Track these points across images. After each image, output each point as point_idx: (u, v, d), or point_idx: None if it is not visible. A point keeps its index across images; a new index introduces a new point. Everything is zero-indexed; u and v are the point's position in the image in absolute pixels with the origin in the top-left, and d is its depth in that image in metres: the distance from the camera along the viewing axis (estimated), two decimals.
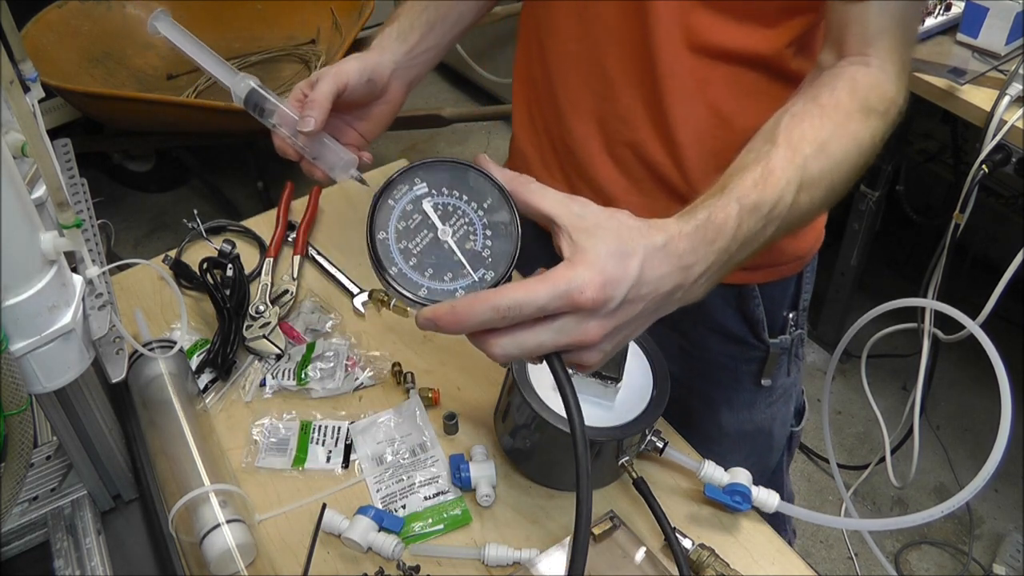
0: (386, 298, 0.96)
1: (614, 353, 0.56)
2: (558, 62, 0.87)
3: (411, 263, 0.54)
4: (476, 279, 0.54)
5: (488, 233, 0.55)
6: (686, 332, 0.92)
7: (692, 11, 0.75)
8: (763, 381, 0.95)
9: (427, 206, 0.55)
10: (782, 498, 0.77)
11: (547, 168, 0.95)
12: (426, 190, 0.55)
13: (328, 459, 0.83)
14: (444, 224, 0.55)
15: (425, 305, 0.53)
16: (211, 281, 0.98)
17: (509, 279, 0.54)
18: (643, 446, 0.77)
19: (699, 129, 0.81)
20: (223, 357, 0.90)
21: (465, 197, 0.55)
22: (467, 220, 0.55)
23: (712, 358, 0.94)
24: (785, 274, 0.91)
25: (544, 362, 0.55)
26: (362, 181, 0.74)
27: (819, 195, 0.62)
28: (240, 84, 0.74)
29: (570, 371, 0.55)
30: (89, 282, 0.65)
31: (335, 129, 0.81)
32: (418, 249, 0.55)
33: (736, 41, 0.77)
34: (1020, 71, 1.40)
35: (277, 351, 0.93)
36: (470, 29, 0.94)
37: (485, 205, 0.55)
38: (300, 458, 0.83)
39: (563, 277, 0.51)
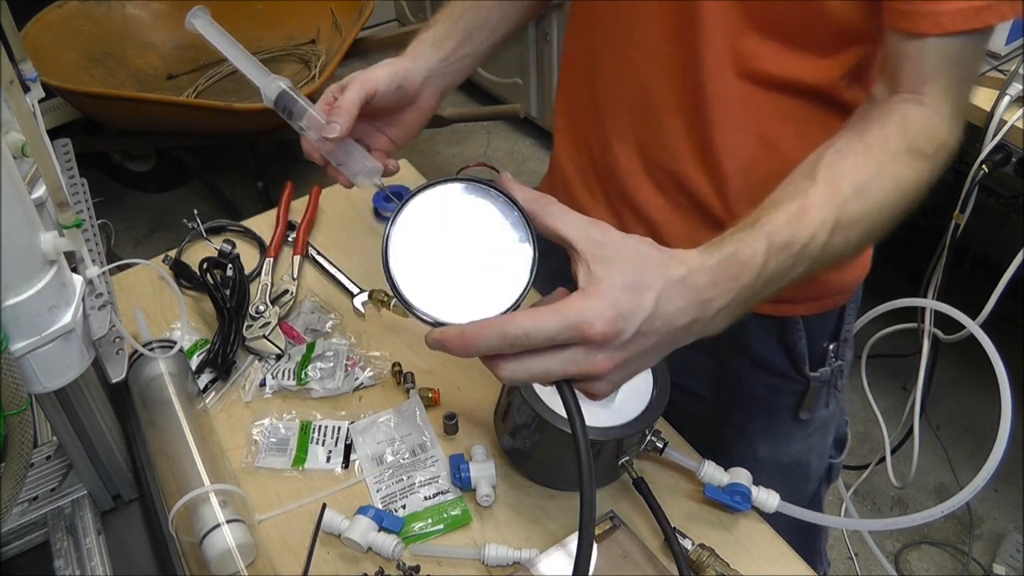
0: (386, 298, 0.97)
1: (624, 382, 0.56)
2: (603, 84, 0.84)
3: (425, 281, 0.54)
4: (490, 300, 0.54)
5: (505, 254, 0.54)
6: (724, 362, 0.89)
7: (743, 37, 0.72)
8: (802, 415, 0.92)
9: (445, 224, 0.55)
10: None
11: (588, 187, 0.91)
12: (446, 206, 0.55)
13: (328, 459, 0.83)
14: (461, 243, 0.54)
15: (436, 325, 0.53)
16: (211, 281, 0.98)
17: (520, 304, 0.54)
18: (643, 446, 0.77)
19: (745, 158, 0.78)
20: (223, 357, 0.90)
21: (484, 216, 0.55)
22: (484, 240, 0.55)
23: (750, 388, 0.91)
24: (829, 307, 0.88)
25: (553, 385, 0.54)
26: (380, 187, 0.74)
27: (855, 237, 0.60)
28: (271, 85, 0.74)
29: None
30: (89, 282, 0.65)
31: (365, 134, 0.81)
32: (434, 267, 0.54)
33: (788, 69, 0.73)
34: (1020, 71, 1.40)
35: (277, 351, 0.93)
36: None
37: (504, 225, 0.55)
38: (300, 458, 0.83)
39: (574, 308, 0.51)
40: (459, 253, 0.54)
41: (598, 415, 0.73)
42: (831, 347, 0.90)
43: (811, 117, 0.76)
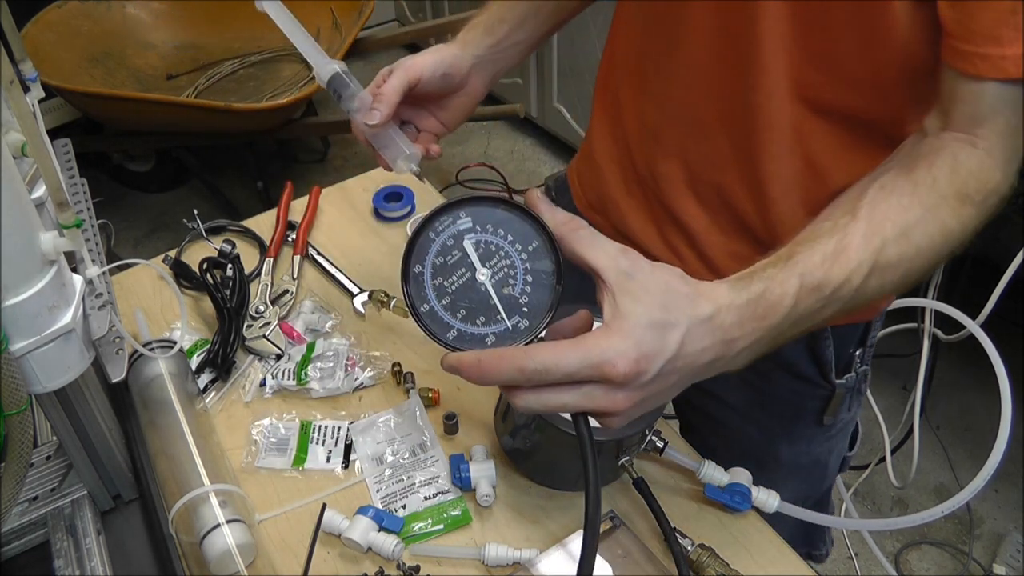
0: (386, 298, 0.96)
1: (639, 415, 0.54)
2: (652, 89, 0.82)
3: (444, 301, 0.52)
4: (509, 327, 0.52)
5: (528, 279, 0.53)
6: (754, 364, 0.90)
7: (802, 67, 0.68)
8: (826, 420, 0.92)
9: (468, 244, 0.52)
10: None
11: (627, 189, 0.90)
12: (470, 225, 0.53)
13: (328, 459, 0.83)
14: (484, 265, 0.52)
15: (453, 349, 0.52)
16: (211, 281, 0.98)
17: (542, 336, 0.53)
18: (643, 446, 0.77)
19: (791, 180, 0.75)
20: (223, 357, 0.90)
21: (510, 238, 0.53)
22: (509, 263, 0.53)
23: (776, 392, 0.91)
24: (857, 320, 0.87)
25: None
26: (420, 177, 0.75)
27: (890, 280, 0.58)
28: (326, 67, 0.78)
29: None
30: (89, 282, 0.65)
31: (415, 116, 0.82)
32: (453, 288, 0.52)
33: (848, 100, 0.70)
34: None
35: (277, 351, 0.93)
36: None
37: (530, 249, 0.53)
38: (300, 458, 0.83)
39: (597, 346, 0.49)
40: (481, 274, 0.52)
41: None
42: (858, 353, 0.89)
43: (865, 143, 0.72)
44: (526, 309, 0.52)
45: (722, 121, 0.76)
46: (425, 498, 0.79)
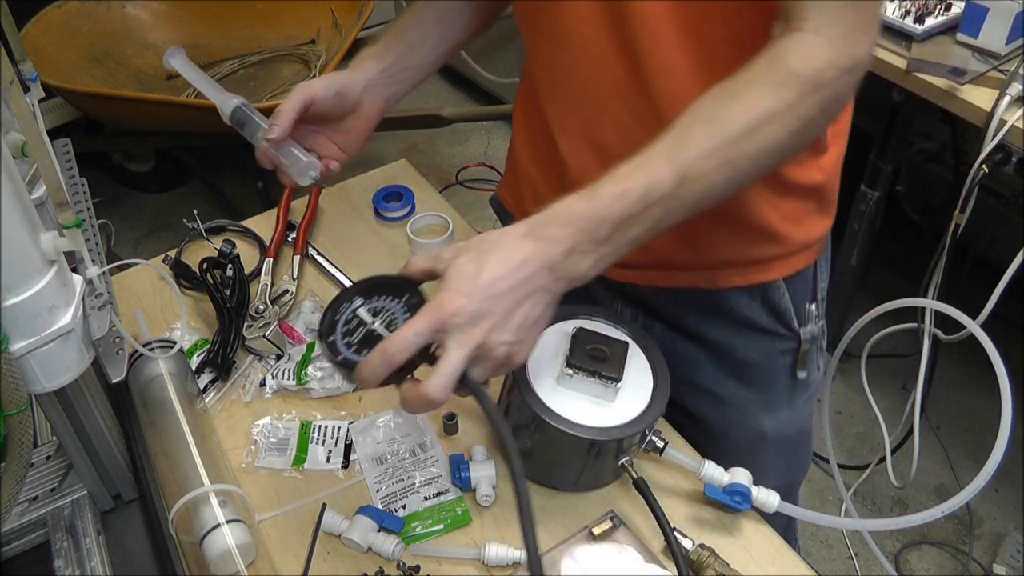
0: None
1: (529, 340, 0.64)
2: (541, 85, 0.87)
3: (352, 349, 0.66)
4: None
5: (408, 315, 0.66)
6: (714, 341, 0.90)
7: (679, 9, 0.72)
8: (799, 373, 0.93)
9: (362, 312, 0.67)
10: (790, 500, 0.76)
11: (548, 184, 0.92)
12: (361, 303, 0.68)
13: (328, 459, 0.83)
14: (374, 319, 0.67)
15: (346, 366, 0.65)
16: (211, 281, 0.98)
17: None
18: (643, 446, 0.77)
19: None
20: (223, 357, 0.90)
21: (391, 297, 0.68)
22: (392, 311, 0.67)
23: (744, 357, 0.92)
24: (798, 266, 0.89)
25: (467, 389, 0.63)
26: (320, 184, 0.83)
27: (716, 170, 0.63)
28: (228, 103, 0.87)
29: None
30: (89, 282, 0.65)
31: (314, 141, 0.89)
32: (357, 340, 0.66)
33: (735, 28, 0.72)
34: (1020, 71, 1.40)
35: (277, 351, 0.93)
36: (463, 46, 0.96)
37: (405, 297, 0.67)
38: (300, 458, 0.83)
39: (429, 306, 0.61)
40: (373, 324, 0.66)
41: (598, 415, 0.73)
42: (812, 307, 0.92)
43: None
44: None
45: (616, 90, 0.79)
46: (425, 498, 0.79)
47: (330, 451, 0.84)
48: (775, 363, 0.93)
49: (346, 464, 0.83)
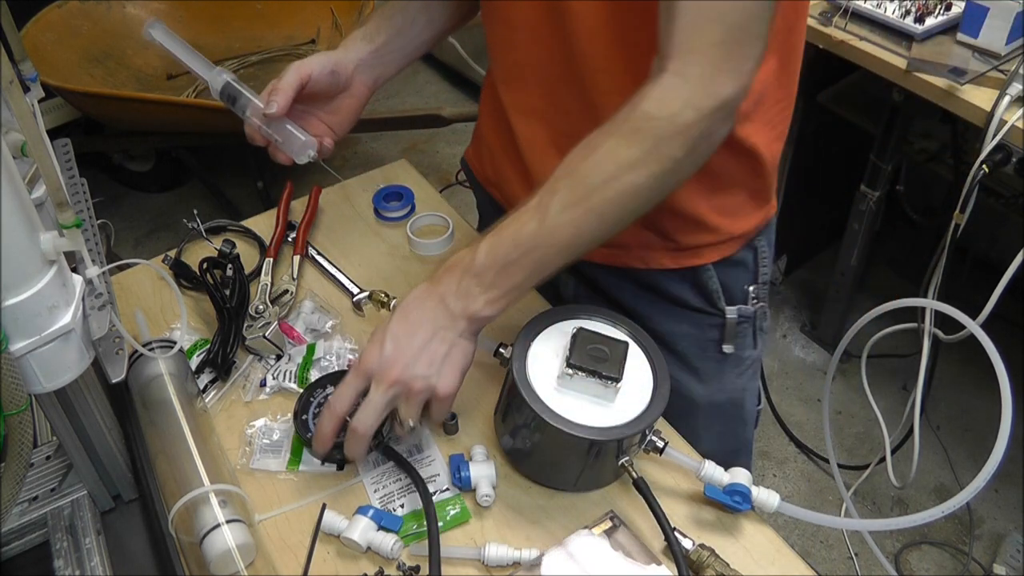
0: (386, 299, 0.96)
1: (450, 373, 0.73)
2: (496, 65, 0.94)
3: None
4: None
5: None
6: (650, 316, 0.98)
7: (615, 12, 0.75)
8: (725, 347, 1.00)
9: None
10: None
11: (507, 158, 0.98)
12: (333, 390, 0.80)
13: (323, 461, 0.83)
14: None
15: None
16: (211, 281, 0.98)
17: (378, 432, 0.76)
18: (643, 446, 0.77)
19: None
20: (223, 357, 0.90)
21: None
22: (356, 402, 0.75)
23: (675, 329, 0.99)
24: (727, 253, 0.94)
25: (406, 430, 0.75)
26: (318, 160, 0.86)
27: (581, 218, 0.70)
28: (217, 78, 0.88)
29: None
30: (89, 282, 0.65)
31: (306, 121, 0.92)
32: None
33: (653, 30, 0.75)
34: (1020, 71, 1.40)
35: (277, 351, 0.93)
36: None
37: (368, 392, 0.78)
38: (295, 460, 0.83)
39: (356, 362, 0.74)
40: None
41: (598, 415, 0.73)
42: (751, 288, 0.98)
43: None
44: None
45: (561, 81, 0.84)
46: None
47: None
48: (703, 337, 1.00)
49: (341, 466, 0.83)
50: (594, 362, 0.74)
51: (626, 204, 0.70)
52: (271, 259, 1.04)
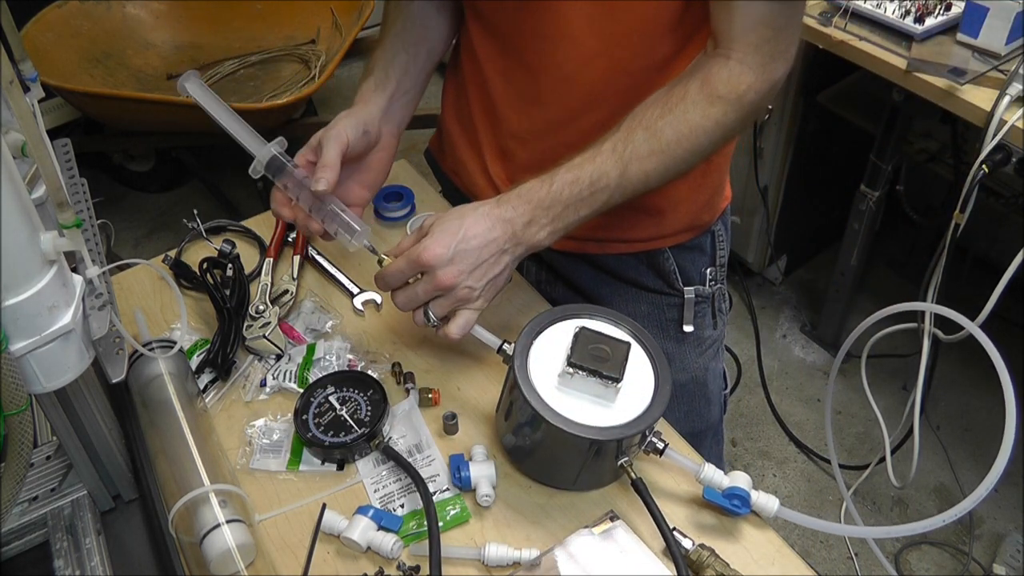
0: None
1: (490, 292, 0.79)
2: (480, 49, 0.96)
3: (321, 430, 0.83)
4: (359, 433, 0.82)
5: (369, 408, 0.85)
6: (609, 298, 1.05)
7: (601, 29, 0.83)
8: (685, 327, 1.06)
9: (333, 399, 0.85)
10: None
11: (472, 152, 1.04)
12: (333, 390, 0.86)
13: (323, 461, 0.83)
14: (341, 407, 0.85)
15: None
16: (211, 281, 0.98)
17: (377, 432, 0.83)
18: (643, 447, 0.77)
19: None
20: (223, 357, 0.90)
21: (357, 390, 0.86)
22: (356, 402, 0.85)
23: (634, 310, 1.05)
24: (685, 239, 1.02)
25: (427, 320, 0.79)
26: (374, 251, 0.81)
27: (653, 167, 0.78)
28: (262, 151, 0.82)
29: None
30: (89, 282, 0.65)
31: (344, 190, 0.89)
32: (327, 421, 0.84)
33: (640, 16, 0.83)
34: (1020, 71, 1.40)
35: (277, 351, 0.93)
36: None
37: (368, 392, 0.86)
38: (295, 460, 0.83)
39: (413, 249, 0.77)
40: (340, 411, 0.85)
41: (599, 415, 0.73)
42: (708, 271, 1.05)
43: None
44: (367, 419, 0.84)
45: (544, 68, 0.89)
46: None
47: None
48: (663, 317, 1.06)
49: (341, 466, 0.83)
50: (595, 362, 0.74)
51: (689, 160, 0.80)
52: (271, 259, 1.04)
